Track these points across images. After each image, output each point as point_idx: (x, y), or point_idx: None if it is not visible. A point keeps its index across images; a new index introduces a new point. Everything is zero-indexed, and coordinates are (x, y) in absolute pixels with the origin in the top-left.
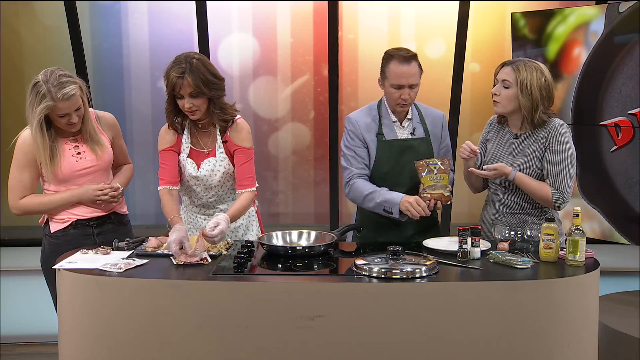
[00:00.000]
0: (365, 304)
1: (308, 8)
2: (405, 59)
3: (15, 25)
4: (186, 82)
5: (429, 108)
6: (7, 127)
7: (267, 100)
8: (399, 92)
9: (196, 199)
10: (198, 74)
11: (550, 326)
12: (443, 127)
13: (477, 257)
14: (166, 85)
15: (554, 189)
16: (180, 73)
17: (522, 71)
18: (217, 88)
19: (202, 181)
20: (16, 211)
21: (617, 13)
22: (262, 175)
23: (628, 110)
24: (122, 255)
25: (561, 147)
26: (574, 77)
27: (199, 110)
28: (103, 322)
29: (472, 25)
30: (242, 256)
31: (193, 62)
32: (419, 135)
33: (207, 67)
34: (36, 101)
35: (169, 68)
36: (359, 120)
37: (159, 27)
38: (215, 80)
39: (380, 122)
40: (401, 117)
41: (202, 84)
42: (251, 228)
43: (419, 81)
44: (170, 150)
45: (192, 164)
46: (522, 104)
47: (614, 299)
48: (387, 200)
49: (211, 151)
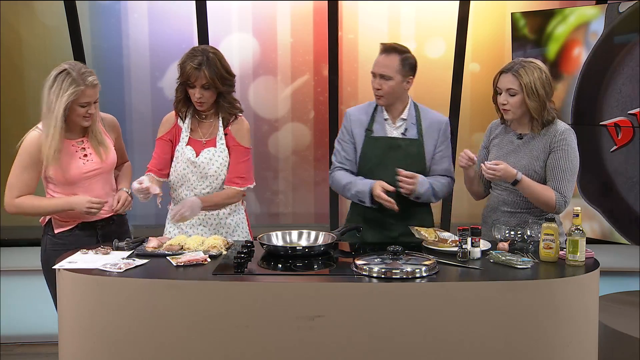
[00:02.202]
0: (365, 304)
1: (308, 8)
2: (386, 49)
3: (15, 25)
4: (202, 74)
5: (431, 112)
6: (7, 127)
7: (267, 100)
8: (373, 81)
9: (188, 190)
10: (215, 67)
11: (550, 326)
12: (441, 133)
13: (477, 257)
14: (181, 74)
15: (557, 192)
16: (198, 64)
17: (523, 75)
18: (229, 84)
19: (199, 168)
20: (10, 209)
21: (617, 13)
22: (262, 175)
23: (628, 110)
24: (122, 255)
25: (566, 152)
26: (574, 77)
27: (206, 102)
28: (103, 322)
29: (472, 25)
30: (242, 256)
31: (210, 56)
32: (410, 136)
33: (222, 62)
34: (64, 87)
35: (185, 58)
36: (353, 115)
37: (159, 27)
38: (228, 76)
39: (373, 118)
40: (395, 116)
41: (217, 77)
42: (241, 226)
43: (396, 76)
44: (164, 140)
45: (192, 151)
46: (531, 107)
47: (614, 299)
48: (360, 192)
49: (209, 141)
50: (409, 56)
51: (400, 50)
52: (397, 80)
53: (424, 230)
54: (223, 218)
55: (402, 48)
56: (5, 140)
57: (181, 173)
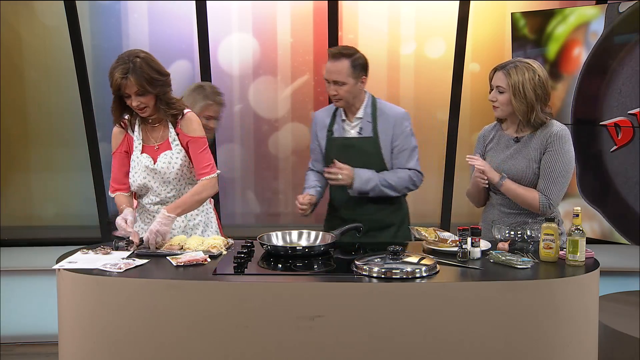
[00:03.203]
0: (365, 304)
1: (308, 8)
2: (334, 55)
3: (15, 25)
4: (130, 82)
5: (389, 106)
6: (7, 127)
7: (267, 100)
8: (328, 87)
9: (153, 196)
10: (142, 73)
11: (550, 326)
12: (396, 126)
13: (477, 257)
14: (111, 85)
15: (541, 194)
16: (124, 73)
17: (512, 75)
18: (162, 84)
19: (160, 174)
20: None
21: (617, 13)
22: (262, 175)
23: (628, 110)
24: (122, 255)
25: (558, 153)
26: (574, 77)
27: (147, 107)
28: (103, 322)
29: (472, 25)
30: (242, 256)
31: (137, 62)
32: (365, 134)
33: (151, 64)
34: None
35: (112, 68)
36: (318, 118)
37: (159, 27)
38: (160, 77)
39: (334, 119)
40: (351, 115)
41: (146, 82)
42: (210, 225)
43: (348, 80)
44: (120, 153)
45: (148, 158)
46: (515, 108)
47: (614, 299)
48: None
49: (161, 145)
50: (357, 57)
51: (347, 54)
52: (351, 84)
53: (424, 230)
54: (191, 219)
55: (350, 51)
56: (5, 140)
57: (142, 182)
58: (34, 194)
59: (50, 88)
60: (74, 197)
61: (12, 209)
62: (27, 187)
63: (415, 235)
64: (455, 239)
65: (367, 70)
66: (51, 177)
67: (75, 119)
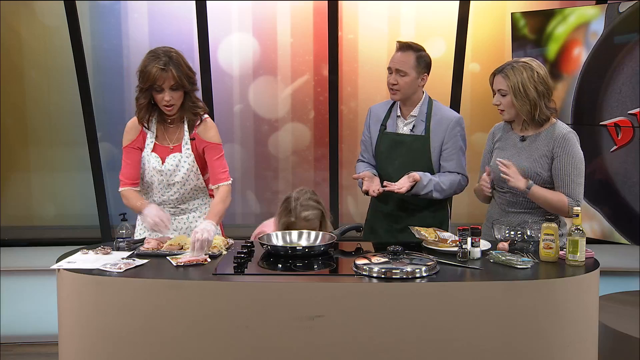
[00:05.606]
0: (365, 304)
1: (308, 8)
2: (402, 46)
3: (15, 25)
4: (169, 75)
5: (444, 109)
6: (7, 127)
7: (267, 100)
8: (389, 77)
9: (156, 196)
10: (180, 67)
11: (550, 326)
12: (449, 129)
13: (477, 257)
14: (143, 79)
15: (569, 197)
16: (163, 65)
17: (511, 76)
18: (194, 82)
19: (166, 176)
20: None
21: (617, 13)
22: (262, 175)
23: (628, 110)
24: (122, 255)
25: (570, 156)
26: (574, 77)
27: (175, 105)
28: (103, 322)
29: (472, 25)
30: (242, 256)
31: (173, 56)
32: (418, 132)
33: (184, 61)
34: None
35: (147, 61)
36: (373, 111)
37: (159, 27)
38: (192, 74)
39: (389, 114)
40: (407, 112)
41: (184, 76)
42: None
43: (411, 72)
44: (132, 148)
45: (157, 158)
46: (518, 108)
47: (614, 299)
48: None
49: (176, 146)
50: (424, 54)
51: (415, 48)
52: (412, 77)
53: (424, 230)
54: (193, 222)
55: (418, 46)
56: (5, 140)
57: (148, 181)
58: (34, 194)
59: (50, 88)
60: (74, 197)
61: (12, 209)
62: (27, 187)
63: (416, 236)
64: (455, 238)
65: (429, 70)
66: (51, 177)
67: (75, 119)
